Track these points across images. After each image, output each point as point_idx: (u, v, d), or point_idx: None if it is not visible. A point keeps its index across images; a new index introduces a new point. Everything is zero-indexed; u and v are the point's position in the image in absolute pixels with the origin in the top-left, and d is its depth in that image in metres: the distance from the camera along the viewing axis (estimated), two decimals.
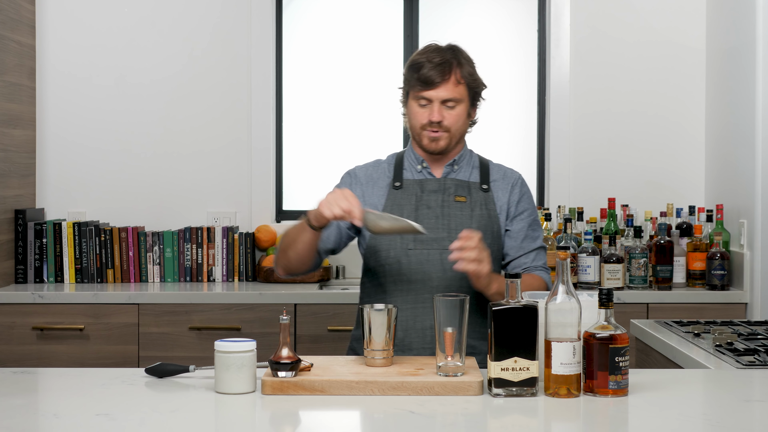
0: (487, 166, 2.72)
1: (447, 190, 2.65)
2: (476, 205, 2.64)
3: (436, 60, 2.58)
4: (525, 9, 4.59)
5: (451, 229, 2.60)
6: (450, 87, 2.58)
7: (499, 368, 2.05)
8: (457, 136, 2.64)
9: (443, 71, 2.57)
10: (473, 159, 2.72)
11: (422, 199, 2.63)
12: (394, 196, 2.65)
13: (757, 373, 2.35)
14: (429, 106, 2.59)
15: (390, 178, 2.68)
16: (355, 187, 2.68)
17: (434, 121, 2.58)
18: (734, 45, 4.05)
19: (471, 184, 2.66)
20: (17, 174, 4.22)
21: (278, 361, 2.10)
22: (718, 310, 3.89)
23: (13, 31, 4.15)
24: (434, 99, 2.58)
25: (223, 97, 4.45)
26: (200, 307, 3.88)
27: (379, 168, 2.72)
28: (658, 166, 4.43)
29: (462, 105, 2.61)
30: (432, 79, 2.56)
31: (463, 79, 2.60)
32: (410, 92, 2.63)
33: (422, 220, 2.60)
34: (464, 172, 2.69)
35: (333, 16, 4.63)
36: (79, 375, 2.34)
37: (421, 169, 2.68)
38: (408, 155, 2.72)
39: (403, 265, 2.59)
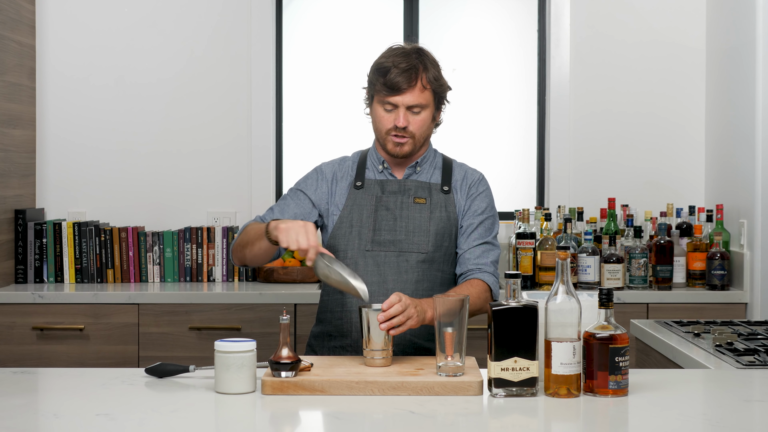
0: (450, 166, 2.72)
1: (407, 191, 2.65)
2: (436, 207, 2.64)
3: (403, 65, 2.57)
4: (525, 9, 4.59)
5: (409, 231, 2.61)
6: (416, 93, 2.57)
7: (499, 368, 2.05)
8: (421, 141, 2.65)
9: (409, 77, 2.56)
10: (436, 160, 2.72)
11: (381, 200, 2.64)
12: (355, 196, 2.66)
13: (757, 373, 2.35)
14: (394, 111, 2.59)
15: (352, 177, 2.69)
16: (321, 183, 2.69)
17: (399, 126, 2.58)
18: (734, 45, 4.05)
19: (432, 185, 2.66)
20: (17, 174, 4.22)
21: (278, 361, 2.10)
22: (718, 310, 3.89)
23: (13, 31, 4.15)
24: (400, 105, 2.58)
25: (223, 98, 4.45)
26: (200, 307, 3.88)
27: (344, 165, 2.73)
28: (658, 166, 4.43)
29: (427, 110, 2.61)
30: (398, 85, 2.56)
31: (429, 84, 2.59)
32: (375, 96, 2.62)
33: (380, 221, 2.61)
34: (426, 173, 2.69)
35: (333, 16, 4.63)
36: (79, 375, 2.34)
37: (383, 169, 2.69)
38: (371, 155, 2.73)
39: (360, 266, 2.59)
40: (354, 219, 2.63)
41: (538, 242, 4.05)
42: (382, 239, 2.60)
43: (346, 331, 2.62)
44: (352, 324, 2.61)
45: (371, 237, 2.61)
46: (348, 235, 2.62)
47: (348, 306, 2.62)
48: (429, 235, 2.60)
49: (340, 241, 2.63)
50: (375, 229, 2.61)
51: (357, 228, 2.62)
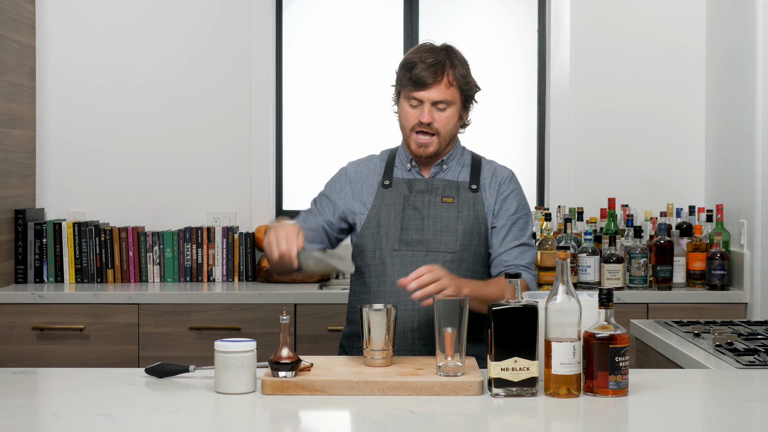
0: (479, 164, 2.68)
1: (435, 190, 2.63)
2: (464, 206, 2.61)
3: (429, 60, 2.55)
4: (525, 9, 4.59)
5: (436, 230, 2.59)
6: (441, 89, 2.55)
7: (499, 368, 2.05)
8: (447, 139, 2.62)
9: (435, 72, 2.54)
10: (464, 157, 2.69)
11: (409, 199, 2.62)
12: (383, 195, 2.64)
13: (757, 373, 2.35)
14: (420, 107, 2.57)
15: (380, 176, 2.68)
16: (344, 185, 2.69)
17: (424, 122, 2.56)
18: (734, 45, 4.05)
19: (460, 184, 2.64)
20: (17, 174, 4.22)
21: (278, 361, 2.10)
22: (718, 310, 3.89)
23: (13, 31, 4.15)
24: (425, 100, 2.56)
25: (223, 97, 4.45)
26: (200, 307, 3.88)
27: (370, 164, 2.72)
28: (658, 166, 4.43)
29: (453, 107, 2.58)
30: (424, 80, 2.54)
31: (455, 81, 2.57)
32: (402, 91, 2.61)
33: (408, 221, 2.60)
34: (453, 171, 2.66)
35: (333, 16, 4.63)
36: (79, 375, 2.34)
37: (411, 168, 2.67)
38: (400, 153, 2.71)
39: (387, 266, 2.58)
40: (381, 218, 2.61)
41: (538, 242, 4.05)
42: (410, 239, 2.58)
43: None
44: None
45: (399, 236, 2.58)
46: (376, 235, 2.61)
47: None
48: (457, 234, 2.58)
49: (368, 241, 2.62)
50: (402, 228, 2.59)
51: (385, 227, 2.60)
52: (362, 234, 2.63)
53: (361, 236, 2.63)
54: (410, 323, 2.57)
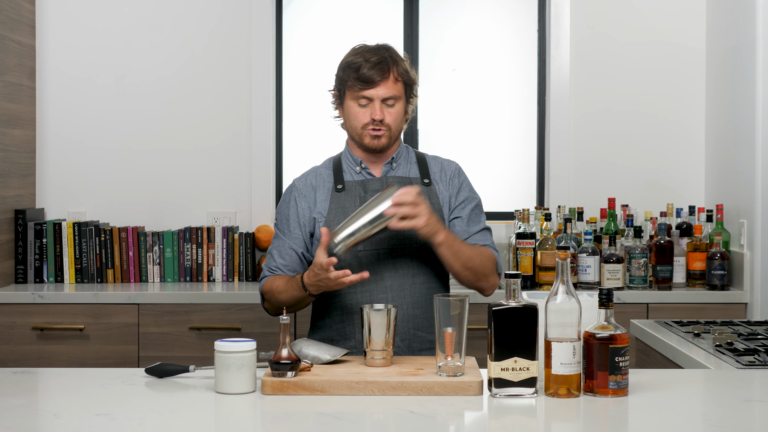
0: (425, 160, 2.74)
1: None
2: None
3: (374, 59, 2.61)
4: (525, 9, 4.59)
5: None
6: (389, 85, 2.61)
7: (499, 368, 2.05)
8: (396, 134, 2.67)
9: (382, 70, 2.60)
10: (410, 155, 2.75)
11: (365, 199, 2.63)
12: (338, 199, 2.65)
13: (757, 373, 2.35)
14: (369, 106, 2.61)
15: (331, 183, 2.69)
16: (298, 200, 2.68)
17: (377, 119, 2.60)
18: (734, 45, 4.05)
19: (413, 179, 2.68)
20: (17, 174, 4.22)
21: (278, 361, 2.10)
22: (718, 310, 3.88)
23: (13, 31, 4.15)
24: (375, 98, 2.60)
25: (223, 97, 4.45)
26: (200, 307, 3.88)
27: (317, 174, 2.72)
28: (658, 166, 4.43)
29: (400, 102, 2.64)
30: (372, 78, 2.59)
31: (400, 77, 2.63)
32: (347, 93, 2.64)
33: None
34: (403, 168, 2.71)
35: (333, 15, 4.63)
36: (79, 375, 2.34)
37: (360, 170, 2.69)
38: (345, 158, 2.73)
39: (355, 268, 2.55)
40: (339, 222, 2.59)
41: (538, 242, 4.05)
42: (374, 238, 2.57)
43: (350, 333, 2.61)
44: (355, 325, 2.60)
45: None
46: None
47: (348, 308, 2.61)
48: None
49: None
50: None
51: None
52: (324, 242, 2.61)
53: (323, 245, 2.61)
54: None
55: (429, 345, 2.61)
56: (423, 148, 4.41)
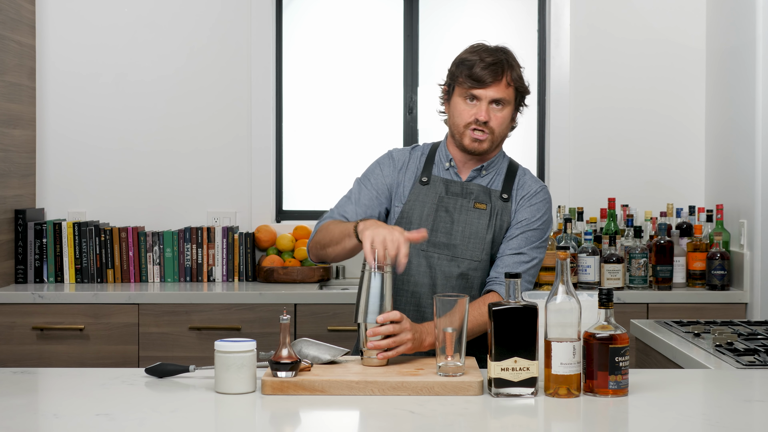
0: (514, 173, 2.64)
1: (469, 195, 2.60)
2: (495, 215, 2.58)
3: (489, 60, 2.55)
4: (525, 9, 4.59)
5: (465, 236, 2.56)
6: (501, 88, 2.55)
7: (499, 368, 2.05)
8: (498, 140, 2.59)
9: (496, 71, 2.54)
10: (502, 165, 2.66)
11: (443, 200, 2.59)
12: (419, 191, 2.61)
13: (757, 373, 2.35)
14: (476, 105, 2.55)
15: (420, 170, 2.64)
16: (388, 170, 2.65)
17: (481, 120, 2.53)
18: (734, 45, 4.05)
19: (492, 191, 2.60)
20: (17, 174, 4.22)
21: (278, 361, 2.10)
22: (718, 310, 3.88)
23: (13, 31, 4.15)
24: (483, 98, 2.54)
25: (223, 97, 4.45)
26: (200, 307, 3.88)
27: (414, 155, 2.68)
28: (658, 166, 4.43)
29: (509, 107, 2.58)
30: (484, 78, 2.53)
31: (513, 82, 2.57)
32: (457, 88, 2.57)
33: (439, 222, 2.57)
34: (490, 177, 2.63)
35: (333, 15, 4.63)
36: (79, 375, 2.34)
37: (449, 167, 2.63)
38: (441, 150, 2.67)
39: (413, 265, 2.56)
40: (414, 216, 2.58)
41: None
42: (438, 241, 2.57)
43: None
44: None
45: (428, 237, 2.54)
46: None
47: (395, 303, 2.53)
48: (485, 243, 2.56)
49: None
50: (432, 229, 2.56)
51: (416, 225, 2.57)
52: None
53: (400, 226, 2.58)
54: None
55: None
56: None
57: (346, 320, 3.85)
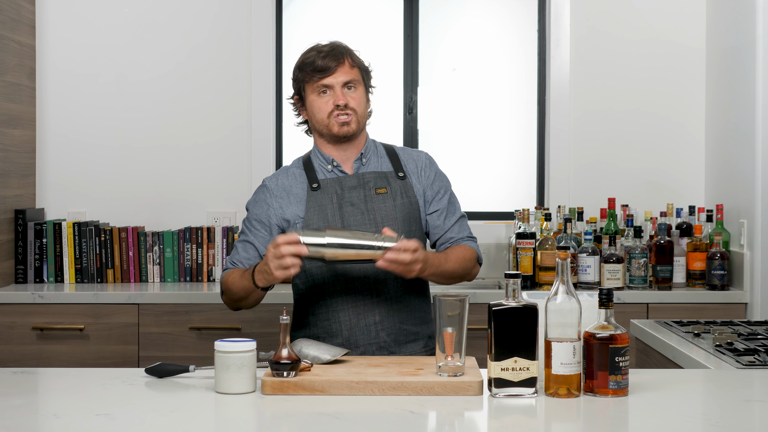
0: (395, 152, 2.74)
1: (366, 183, 2.65)
2: (397, 195, 2.65)
3: (326, 50, 2.65)
4: (525, 9, 4.59)
5: (377, 222, 2.61)
6: (346, 69, 2.64)
7: (499, 368, 2.05)
8: (363, 120, 2.68)
9: (336, 56, 2.63)
10: (378, 148, 2.75)
11: (343, 196, 2.63)
12: (314, 198, 2.63)
13: (757, 373, 2.35)
14: (331, 93, 2.63)
15: (305, 183, 2.67)
16: (270, 200, 2.66)
17: (341, 104, 2.61)
18: (734, 45, 4.05)
19: (387, 174, 2.68)
20: (17, 174, 4.22)
21: (278, 361, 2.10)
22: (718, 310, 3.88)
23: (13, 31, 4.15)
24: (335, 84, 2.62)
25: (223, 97, 4.45)
26: (200, 307, 3.88)
27: (289, 174, 2.70)
28: (658, 166, 4.43)
29: (360, 87, 2.67)
30: (328, 66, 2.62)
31: (355, 63, 2.67)
32: (308, 87, 2.65)
33: (348, 218, 2.60)
34: (374, 163, 2.71)
35: (333, 15, 4.63)
36: (79, 375, 2.34)
37: (332, 168, 2.68)
38: (315, 157, 2.71)
39: (338, 267, 2.58)
40: (320, 221, 2.60)
41: (538, 242, 4.05)
42: None
43: (337, 330, 2.61)
44: (341, 323, 2.60)
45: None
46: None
47: (334, 305, 2.61)
48: (398, 222, 2.62)
49: None
50: (344, 226, 2.60)
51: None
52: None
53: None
54: (372, 317, 2.59)
55: (414, 337, 2.63)
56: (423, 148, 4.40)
57: None
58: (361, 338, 2.59)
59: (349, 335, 2.59)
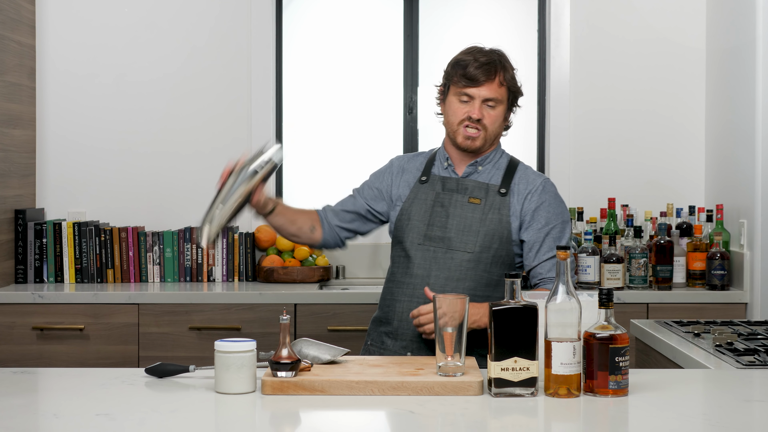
0: (514, 169, 2.73)
1: (464, 190, 2.70)
2: (489, 209, 2.66)
3: (483, 59, 2.65)
4: (525, 9, 4.59)
5: (459, 229, 2.65)
6: (494, 87, 2.64)
7: (499, 368, 2.05)
8: (492, 138, 2.69)
9: (488, 71, 2.63)
10: (501, 161, 2.74)
11: (439, 196, 2.70)
12: (418, 190, 2.74)
13: (757, 373, 2.35)
14: (470, 103, 2.65)
15: (420, 171, 2.77)
16: (387, 176, 2.82)
17: (474, 118, 2.63)
18: (734, 45, 4.05)
19: (489, 186, 2.69)
20: (17, 174, 4.22)
21: (278, 361, 2.10)
22: (718, 310, 3.88)
23: (13, 31, 4.15)
24: (476, 96, 2.64)
25: (223, 97, 4.45)
26: (200, 307, 3.88)
27: (415, 160, 2.83)
28: (658, 166, 4.43)
29: (501, 106, 2.67)
30: (477, 77, 2.63)
31: (506, 82, 2.66)
32: (452, 88, 2.68)
33: (434, 217, 2.68)
34: (487, 173, 2.72)
35: (333, 15, 4.63)
36: (79, 375, 2.34)
37: (447, 166, 2.75)
38: (440, 151, 2.80)
39: (412, 258, 2.68)
40: (413, 212, 2.71)
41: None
42: (434, 235, 2.67)
43: (391, 318, 2.70)
44: (395, 313, 2.69)
45: (424, 231, 2.68)
46: (406, 228, 2.71)
47: (395, 295, 2.70)
48: (478, 235, 2.64)
49: (399, 233, 2.73)
50: (429, 224, 2.68)
51: (415, 221, 2.70)
52: (396, 225, 2.74)
53: (396, 227, 2.75)
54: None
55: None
56: (423, 148, 4.41)
57: (346, 320, 3.85)
58: (407, 332, 2.66)
59: (398, 326, 2.68)
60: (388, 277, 2.78)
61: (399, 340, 2.67)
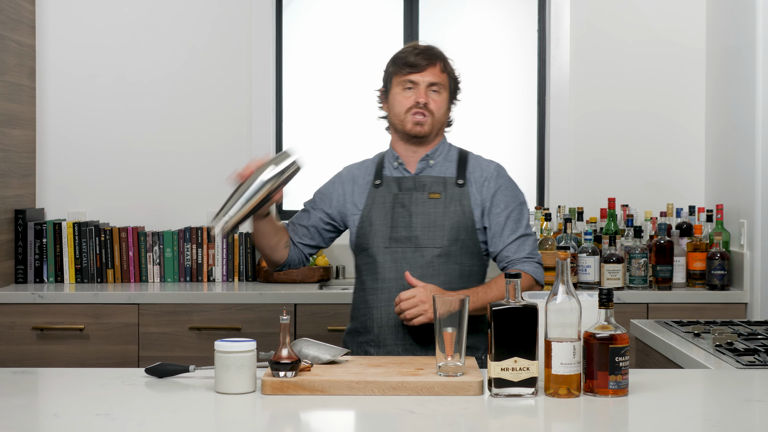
0: (465, 159, 2.74)
1: (422, 187, 2.69)
2: (450, 202, 2.67)
3: (422, 47, 2.69)
4: (525, 9, 4.59)
5: (424, 227, 2.65)
6: (436, 72, 2.67)
7: (499, 368, 2.05)
8: (438, 125, 2.70)
9: (429, 56, 2.67)
10: (451, 153, 2.76)
11: (398, 197, 2.68)
12: (374, 194, 2.71)
13: (757, 373, 2.35)
14: (415, 90, 2.66)
15: (372, 176, 2.75)
16: (337, 186, 2.79)
17: (421, 102, 2.64)
18: (734, 45, 4.05)
19: (446, 179, 2.70)
20: (17, 174, 4.22)
21: (278, 361, 2.10)
22: (718, 310, 3.88)
23: (13, 31, 4.15)
24: (420, 82, 2.66)
25: (223, 97, 4.45)
26: (200, 307, 3.88)
27: (363, 167, 2.80)
28: (658, 166, 4.43)
29: (445, 92, 2.69)
30: (418, 63, 2.65)
31: (446, 70, 2.70)
32: (394, 80, 2.69)
33: (397, 218, 2.66)
34: (440, 167, 2.72)
35: (333, 15, 4.63)
36: (79, 375, 2.34)
37: (398, 165, 2.73)
38: (388, 153, 2.78)
39: (379, 263, 2.66)
40: (374, 217, 2.69)
41: (539, 242, 4.05)
42: (399, 236, 2.66)
43: (370, 327, 2.69)
44: (373, 321, 2.67)
45: (389, 234, 2.66)
46: (369, 234, 2.69)
47: (369, 303, 2.68)
48: (444, 229, 2.64)
49: (362, 240, 2.70)
50: (392, 226, 2.66)
51: (377, 226, 2.68)
52: (358, 233, 2.72)
53: (358, 235, 2.72)
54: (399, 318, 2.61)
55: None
56: None
57: (346, 320, 3.83)
58: (389, 338, 2.65)
59: (379, 333, 2.66)
60: (357, 286, 2.75)
61: (382, 347, 2.66)
